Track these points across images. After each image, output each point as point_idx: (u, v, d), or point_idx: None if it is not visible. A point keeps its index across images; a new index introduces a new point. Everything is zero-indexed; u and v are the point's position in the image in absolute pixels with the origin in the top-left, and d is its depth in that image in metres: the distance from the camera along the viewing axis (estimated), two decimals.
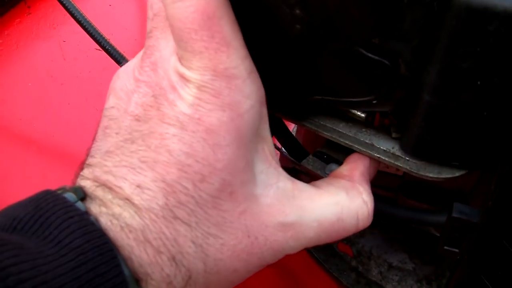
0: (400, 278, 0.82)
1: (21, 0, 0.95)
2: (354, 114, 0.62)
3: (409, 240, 0.84)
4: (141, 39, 0.91)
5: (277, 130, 0.70)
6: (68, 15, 0.86)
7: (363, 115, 0.62)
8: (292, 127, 0.87)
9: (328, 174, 0.62)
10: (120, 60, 0.77)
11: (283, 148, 0.78)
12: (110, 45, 0.79)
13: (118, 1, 1.07)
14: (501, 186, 0.52)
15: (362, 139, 0.60)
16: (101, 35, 0.80)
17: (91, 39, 0.87)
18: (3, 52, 0.89)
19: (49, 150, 0.92)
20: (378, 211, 0.61)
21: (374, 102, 0.53)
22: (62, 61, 0.78)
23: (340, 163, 0.62)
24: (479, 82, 0.48)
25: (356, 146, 0.60)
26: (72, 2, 0.80)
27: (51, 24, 0.94)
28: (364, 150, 0.59)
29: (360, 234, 0.86)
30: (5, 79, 0.85)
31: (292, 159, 0.71)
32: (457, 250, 0.59)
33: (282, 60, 0.55)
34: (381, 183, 0.69)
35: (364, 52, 0.50)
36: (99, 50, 0.76)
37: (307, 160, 0.65)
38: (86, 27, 0.80)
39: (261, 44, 0.55)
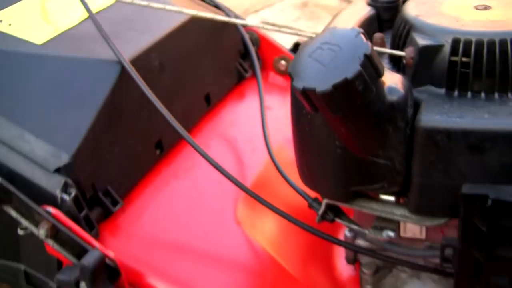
0: None
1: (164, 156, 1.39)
2: (385, 198, 1.05)
3: None
4: None
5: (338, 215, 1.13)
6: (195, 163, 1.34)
7: (392, 198, 1.04)
8: None
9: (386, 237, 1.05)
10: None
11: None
12: None
13: None
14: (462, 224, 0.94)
15: (387, 210, 1.03)
16: None
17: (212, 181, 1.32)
18: (158, 188, 1.31)
19: None
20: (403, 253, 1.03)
21: (386, 186, 0.97)
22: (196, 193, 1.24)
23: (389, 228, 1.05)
24: (441, 167, 0.91)
25: (384, 214, 1.03)
26: None
27: (185, 169, 1.38)
28: (388, 215, 1.02)
29: (404, 282, 1.26)
30: (164, 206, 1.28)
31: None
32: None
33: (333, 169, 0.99)
34: None
35: (375, 159, 0.94)
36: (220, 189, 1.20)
37: (370, 232, 1.07)
38: None
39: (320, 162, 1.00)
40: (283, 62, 1.80)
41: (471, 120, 0.90)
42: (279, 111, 1.62)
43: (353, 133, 0.91)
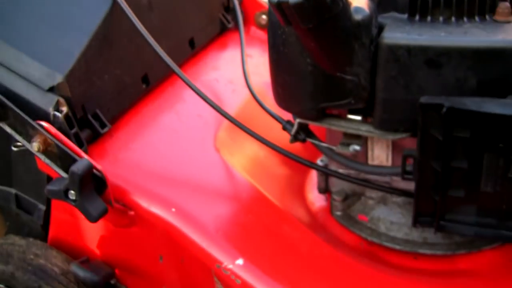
0: (398, 228, 1.31)
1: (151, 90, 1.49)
2: (352, 117, 1.14)
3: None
4: None
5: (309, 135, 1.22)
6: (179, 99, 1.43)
7: (359, 117, 1.14)
8: None
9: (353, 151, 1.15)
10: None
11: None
12: None
13: None
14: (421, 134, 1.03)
15: (353, 126, 1.13)
16: None
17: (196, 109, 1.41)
18: (145, 119, 1.40)
19: None
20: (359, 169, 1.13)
21: (352, 102, 1.06)
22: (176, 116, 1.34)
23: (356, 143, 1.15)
24: (402, 82, 1.01)
25: (350, 130, 1.12)
26: None
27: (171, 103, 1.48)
28: (355, 131, 1.12)
29: (372, 208, 1.35)
30: (152, 134, 1.38)
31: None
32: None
33: (304, 86, 1.08)
34: None
35: (343, 75, 1.03)
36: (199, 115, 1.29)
37: (337, 148, 1.17)
38: None
39: (292, 79, 1.09)
40: (264, 16, 1.88)
41: (429, 37, 1.00)
42: (259, 59, 1.70)
43: (323, 48, 1.00)
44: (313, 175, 1.48)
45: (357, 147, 1.14)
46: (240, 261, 1.14)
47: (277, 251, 1.21)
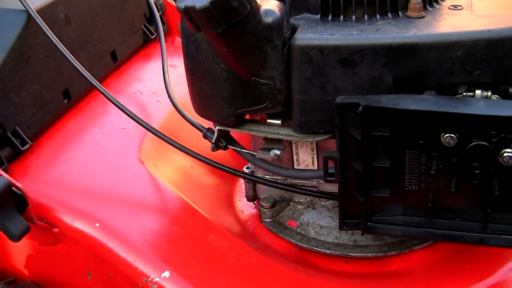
0: (328, 232, 1.30)
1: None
2: (272, 122, 1.12)
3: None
4: None
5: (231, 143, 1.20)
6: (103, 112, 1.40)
7: (279, 121, 1.11)
8: None
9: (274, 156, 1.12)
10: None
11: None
12: None
13: None
14: (339, 135, 1.02)
15: (273, 131, 1.10)
16: None
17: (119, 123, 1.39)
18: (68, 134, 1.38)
19: None
20: (280, 173, 1.11)
21: (270, 106, 1.04)
22: (101, 134, 1.29)
23: (276, 148, 1.12)
24: (317, 83, 0.99)
25: (270, 135, 1.10)
26: None
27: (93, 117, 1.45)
28: (274, 135, 1.09)
29: (301, 213, 1.34)
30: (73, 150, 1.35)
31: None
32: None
33: (220, 92, 1.06)
34: None
35: (258, 79, 1.01)
36: (123, 128, 1.26)
37: (258, 153, 1.14)
38: None
39: (208, 86, 1.06)
40: None
41: (341, 36, 0.98)
42: (183, 69, 1.67)
43: (234, 53, 0.97)
44: (242, 184, 1.45)
45: (277, 152, 1.11)
46: (166, 274, 1.12)
47: (205, 261, 1.18)
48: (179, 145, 1.26)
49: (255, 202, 1.42)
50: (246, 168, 1.34)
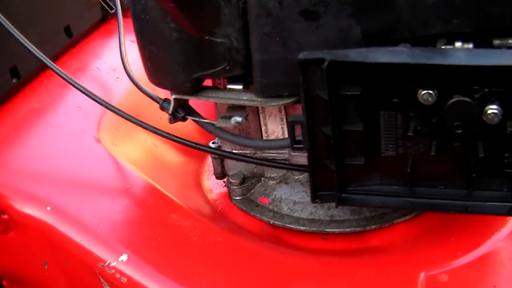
0: (302, 208, 1.20)
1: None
2: (233, 87, 1.01)
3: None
4: None
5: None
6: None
7: (240, 86, 1.01)
8: None
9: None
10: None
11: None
12: None
13: None
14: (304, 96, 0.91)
15: (233, 97, 1.00)
16: None
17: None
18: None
19: None
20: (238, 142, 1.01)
21: (227, 68, 0.94)
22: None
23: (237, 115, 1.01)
24: (278, 39, 0.88)
25: (231, 101, 0.99)
26: None
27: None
28: (235, 101, 0.99)
29: (273, 189, 1.24)
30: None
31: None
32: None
33: (172, 55, 0.95)
34: None
35: (212, 38, 0.91)
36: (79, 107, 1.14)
37: (218, 122, 1.02)
38: None
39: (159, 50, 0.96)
40: None
41: None
42: None
43: (183, 9, 0.87)
44: (211, 162, 1.35)
45: (238, 119, 1.01)
46: (124, 257, 1.04)
47: (166, 242, 1.09)
48: (138, 121, 1.16)
49: (224, 180, 1.32)
50: (212, 143, 1.23)
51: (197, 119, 1.07)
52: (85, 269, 1.08)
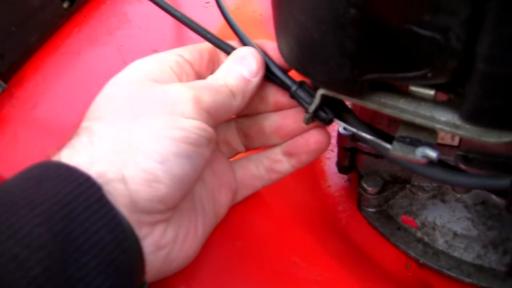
0: (466, 245, 0.85)
1: (78, 10, 0.98)
2: (418, 91, 0.64)
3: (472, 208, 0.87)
4: None
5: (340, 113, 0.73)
6: (123, 20, 0.94)
7: (431, 92, 0.64)
8: None
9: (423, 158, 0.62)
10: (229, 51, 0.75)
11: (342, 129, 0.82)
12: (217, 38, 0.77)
13: None
14: None
15: (422, 113, 0.63)
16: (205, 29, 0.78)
17: (147, 42, 0.93)
18: (66, 59, 0.91)
19: None
20: (441, 179, 0.64)
21: (429, 75, 0.57)
22: (122, 64, 0.80)
23: (427, 143, 0.63)
24: None
25: (418, 120, 0.63)
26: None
27: (108, 30, 0.97)
28: (426, 122, 0.62)
29: (423, 206, 0.89)
30: (71, 84, 0.89)
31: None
32: None
33: (339, 41, 0.59)
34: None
35: (417, 29, 0.53)
36: (155, 51, 0.77)
37: (394, 148, 0.65)
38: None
39: (317, 28, 0.59)
40: None
41: None
42: None
43: None
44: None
45: (431, 153, 0.63)
46: None
47: None
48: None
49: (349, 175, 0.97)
50: (343, 128, 0.88)
51: (356, 130, 0.71)
52: None
